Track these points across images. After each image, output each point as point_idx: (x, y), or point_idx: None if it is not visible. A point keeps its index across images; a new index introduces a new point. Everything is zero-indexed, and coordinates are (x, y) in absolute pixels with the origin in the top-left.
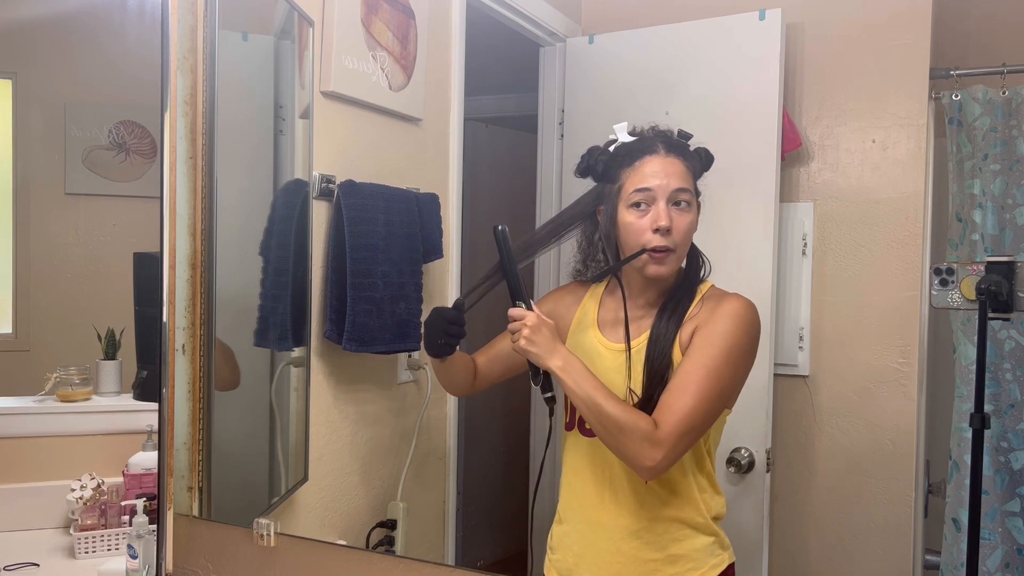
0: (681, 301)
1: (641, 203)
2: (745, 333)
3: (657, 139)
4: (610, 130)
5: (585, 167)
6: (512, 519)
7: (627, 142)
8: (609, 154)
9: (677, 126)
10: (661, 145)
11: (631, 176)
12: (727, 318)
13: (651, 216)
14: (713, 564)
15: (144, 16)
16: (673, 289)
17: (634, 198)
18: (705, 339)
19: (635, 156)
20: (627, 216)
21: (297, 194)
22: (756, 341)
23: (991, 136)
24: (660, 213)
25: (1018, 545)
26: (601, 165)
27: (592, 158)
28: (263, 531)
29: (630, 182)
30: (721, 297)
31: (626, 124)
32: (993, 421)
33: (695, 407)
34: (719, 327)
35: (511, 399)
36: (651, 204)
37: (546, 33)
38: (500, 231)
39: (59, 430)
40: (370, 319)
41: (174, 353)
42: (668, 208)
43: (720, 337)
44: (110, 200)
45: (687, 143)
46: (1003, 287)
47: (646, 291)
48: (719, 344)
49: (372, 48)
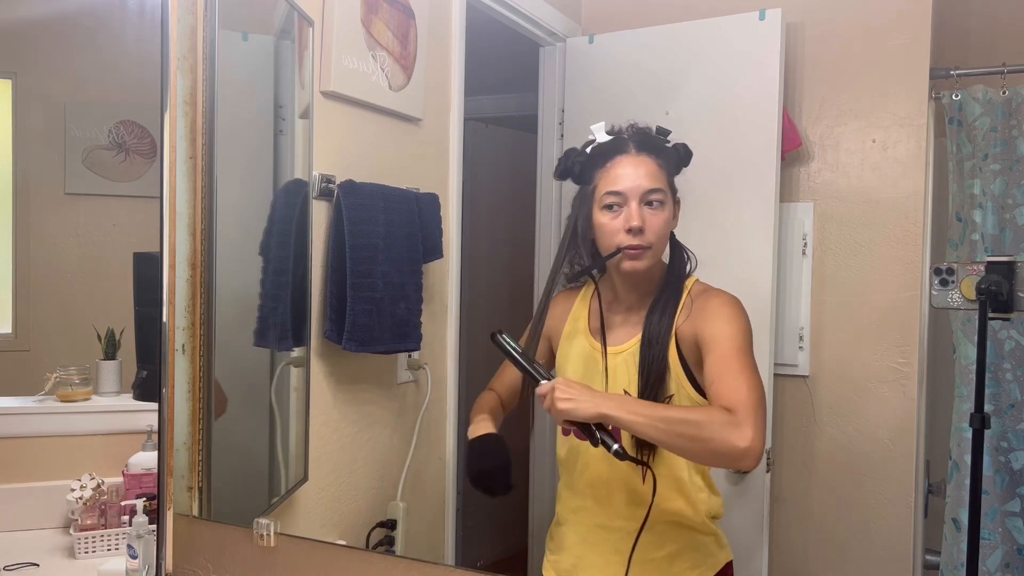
0: (669, 300)
1: (614, 205)
2: (745, 317)
3: (631, 138)
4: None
5: (563, 170)
6: (512, 519)
7: (603, 142)
8: (586, 155)
9: (677, 126)
10: (633, 145)
11: (603, 178)
12: (723, 310)
13: (623, 217)
14: (711, 563)
15: (144, 16)
16: (660, 288)
17: (606, 200)
18: (716, 337)
19: (607, 157)
20: (601, 218)
21: (297, 194)
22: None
23: (991, 136)
24: (632, 214)
25: (1018, 545)
26: (578, 167)
27: (569, 160)
28: (263, 531)
29: (602, 184)
30: (710, 293)
31: (604, 124)
32: (993, 421)
33: (752, 380)
34: (721, 320)
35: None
36: (623, 205)
37: (546, 33)
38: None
39: (59, 430)
40: (370, 319)
41: (174, 353)
42: (640, 208)
43: (728, 327)
44: (110, 200)
45: (664, 139)
46: (1003, 287)
47: (630, 292)
48: (733, 333)
49: (372, 48)
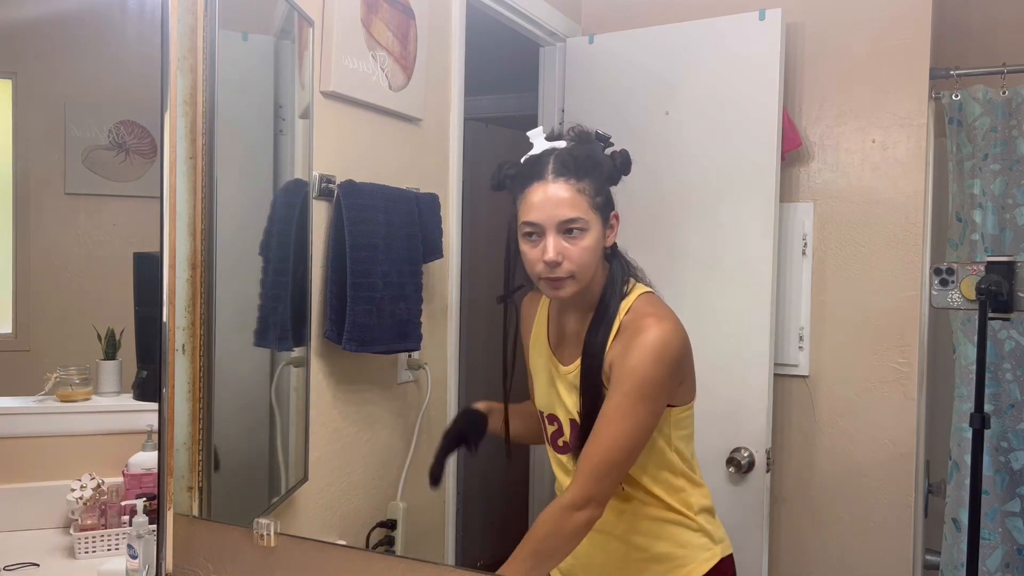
0: (603, 321)
1: (532, 234)
2: (658, 362)
3: (555, 158)
4: (611, 130)
5: (497, 183)
6: (512, 519)
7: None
8: (517, 167)
9: (677, 126)
10: (552, 168)
11: (522, 205)
12: (639, 352)
13: (540, 248)
14: (704, 558)
15: (144, 16)
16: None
17: (524, 229)
18: (618, 378)
19: (525, 183)
20: (523, 245)
21: (297, 194)
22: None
23: (991, 136)
24: (548, 247)
25: (1018, 545)
26: (508, 181)
27: (501, 173)
28: (263, 531)
29: (521, 212)
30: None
31: (541, 129)
32: (993, 421)
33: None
34: (630, 362)
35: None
36: (542, 236)
37: (546, 33)
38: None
39: (59, 430)
40: (370, 319)
41: (174, 353)
42: (557, 239)
43: (631, 374)
44: (110, 200)
45: (605, 145)
46: (1003, 287)
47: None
48: (631, 382)
49: (372, 48)
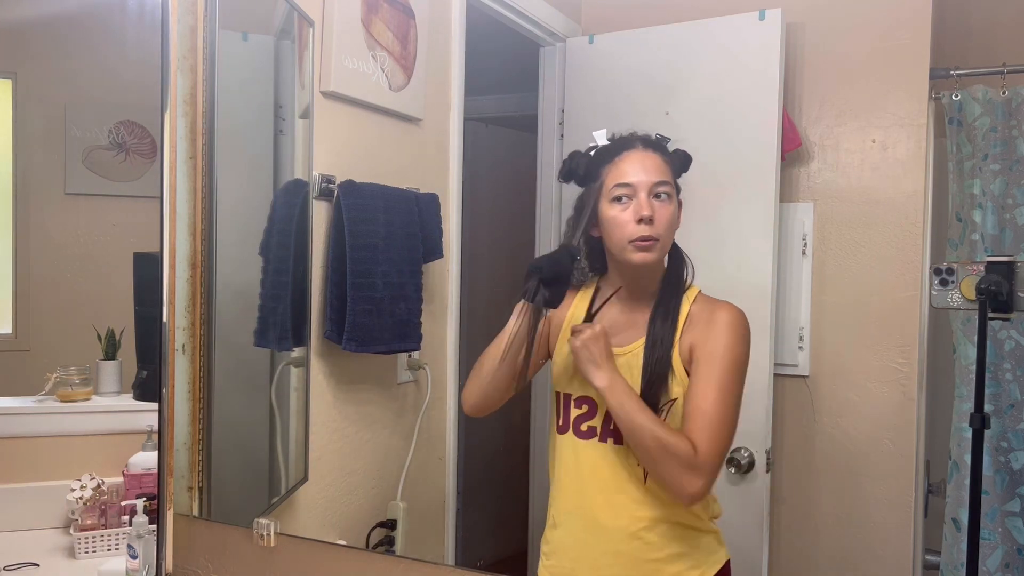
0: (671, 303)
1: (623, 197)
2: (745, 343)
3: (638, 138)
4: (611, 130)
5: (567, 171)
6: (512, 519)
7: (614, 136)
8: (590, 157)
9: (677, 126)
10: (639, 142)
11: (611, 172)
12: (726, 331)
13: (633, 208)
14: (712, 561)
15: (144, 16)
16: (660, 293)
17: (615, 192)
18: (711, 356)
19: (615, 153)
20: (610, 211)
21: (297, 194)
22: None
23: (991, 136)
24: (642, 204)
25: (1018, 545)
26: (582, 168)
27: (573, 162)
28: (263, 531)
29: (611, 178)
30: (713, 307)
31: (605, 131)
32: (993, 421)
33: (727, 416)
34: (721, 341)
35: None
36: (632, 197)
37: (546, 33)
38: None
39: (59, 430)
40: (370, 319)
41: (174, 353)
42: (649, 200)
43: (725, 351)
44: (110, 200)
45: (666, 143)
46: (1003, 287)
47: (632, 292)
48: (727, 358)
49: (372, 48)
